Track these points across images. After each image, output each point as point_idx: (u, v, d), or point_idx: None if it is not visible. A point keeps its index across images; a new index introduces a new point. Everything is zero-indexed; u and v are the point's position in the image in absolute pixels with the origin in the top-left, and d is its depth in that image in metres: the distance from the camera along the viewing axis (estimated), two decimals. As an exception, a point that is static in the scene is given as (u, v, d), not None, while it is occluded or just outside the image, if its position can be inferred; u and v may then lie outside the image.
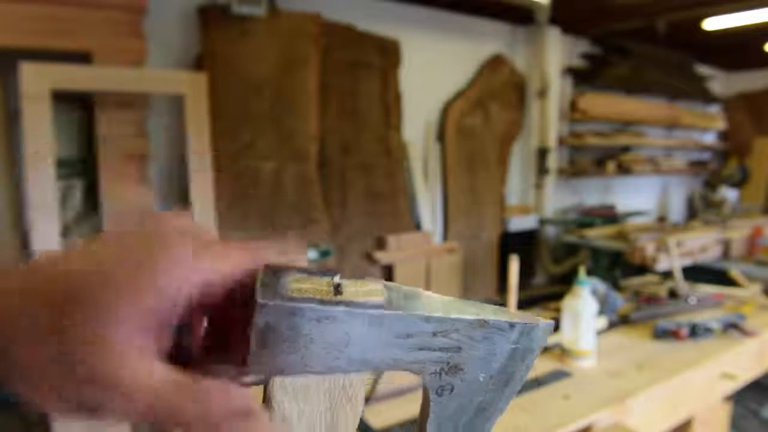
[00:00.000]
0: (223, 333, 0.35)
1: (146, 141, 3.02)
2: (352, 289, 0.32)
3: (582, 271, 1.71)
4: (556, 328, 1.70)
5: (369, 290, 0.32)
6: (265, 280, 0.31)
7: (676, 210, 7.06)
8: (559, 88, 5.30)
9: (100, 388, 0.28)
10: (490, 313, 0.34)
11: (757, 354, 1.91)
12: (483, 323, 0.34)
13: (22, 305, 0.29)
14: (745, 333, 1.86)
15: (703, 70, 6.80)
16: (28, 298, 0.29)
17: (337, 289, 0.32)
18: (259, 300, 0.29)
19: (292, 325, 0.30)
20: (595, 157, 5.75)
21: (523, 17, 4.81)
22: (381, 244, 4.05)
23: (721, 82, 7.27)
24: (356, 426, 0.35)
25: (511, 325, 0.34)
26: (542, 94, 5.15)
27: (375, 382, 1.38)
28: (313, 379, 0.32)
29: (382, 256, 3.98)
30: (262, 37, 3.51)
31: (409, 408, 1.37)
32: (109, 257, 0.30)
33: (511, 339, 0.34)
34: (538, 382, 1.52)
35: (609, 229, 4.54)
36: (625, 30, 5.22)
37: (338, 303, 0.30)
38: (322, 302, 0.30)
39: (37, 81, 2.57)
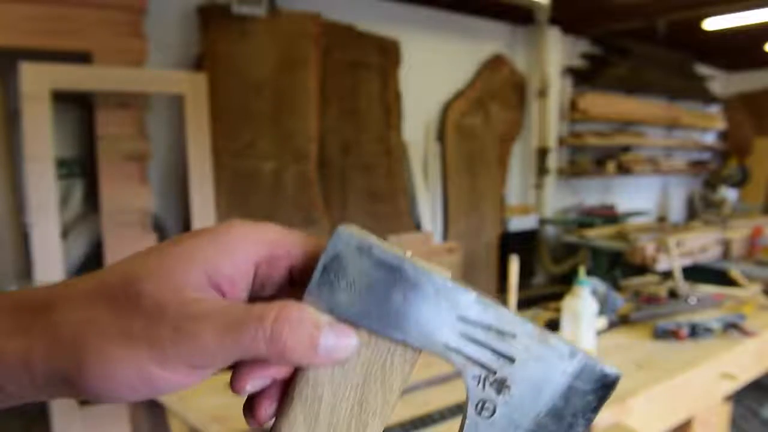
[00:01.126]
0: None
1: (146, 141, 3.02)
2: (422, 263, 0.31)
3: (582, 271, 1.72)
4: (557, 328, 1.70)
5: (437, 269, 0.32)
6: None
7: (676, 210, 7.06)
8: (559, 88, 5.30)
9: (178, 329, 0.28)
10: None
11: (757, 354, 1.90)
12: (544, 337, 0.31)
13: (94, 297, 0.30)
14: (745, 333, 1.86)
15: (703, 70, 6.80)
16: (99, 288, 0.30)
17: (409, 256, 0.32)
18: (339, 227, 0.30)
19: (359, 263, 0.30)
20: (595, 157, 5.75)
21: (523, 17, 4.81)
22: (381, 244, 4.05)
23: (721, 82, 7.27)
24: (384, 419, 0.32)
25: (572, 354, 0.31)
26: (542, 94, 5.15)
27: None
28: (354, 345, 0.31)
29: (382, 256, 3.97)
30: (262, 37, 3.51)
31: (408, 409, 1.37)
32: (172, 241, 0.32)
33: (569, 371, 0.31)
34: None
35: (609, 229, 4.54)
36: (625, 30, 5.22)
37: (407, 259, 0.30)
38: (392, 252, 0.30)
39: (37, 81, 2.57)
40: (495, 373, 0.31)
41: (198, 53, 3.40)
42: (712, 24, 4.99)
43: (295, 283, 0.33)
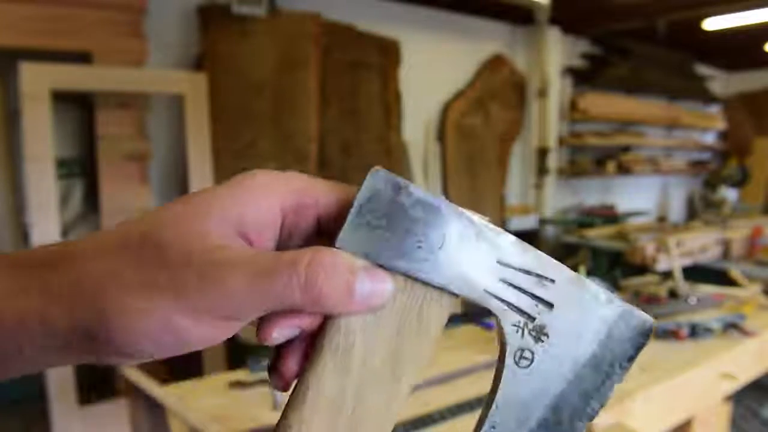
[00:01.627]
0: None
1: (146, 141, 3.02)
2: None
3: (582, 271, 1.72)
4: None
5: (476, 214, 0.30)
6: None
7: (676, 210, 7.06)
8: (559, 88, 5.30)
9: (205, 277, 0.26)
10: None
11: (757, 354, 1.90)
12: (582, 283, 0.30)
13: (119, 246, 0.28)
14: (745, 333, 1.86)
15: (703, 70, 6.80)
16: (124, 238, 0.29)
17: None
18: (374, 168, 0.29)
19: (396, 201, 0.29)
20: (595, 157, 5.75)
21: (523, 17, 4.81)
22: (381, 244, 4.05)
23: (721, 82, 7.27)
24: (418, 373, 0.30)
25: (610, 300, 0.30)
26: (542, 94, 5.15)
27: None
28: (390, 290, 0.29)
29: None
30: (262, 37, 3.51)
31: (408, 409, 1.36)
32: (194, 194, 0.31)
33: (608, 318, 0.30)
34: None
35: (609, 229, 4.54)
36: (625, 30, 5.22)
37: (446, 200, 0.29)
38: (428, 193, 0.29)
39: (37, 81, 2.57)
40: (534, 319, 0.30)
41: (198, 53, 3.40)
42: (712, 24, 4.99)
43: (323, 234, 0.31)
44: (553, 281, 0.30)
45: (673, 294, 2.26)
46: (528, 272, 0.30)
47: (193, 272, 0.27)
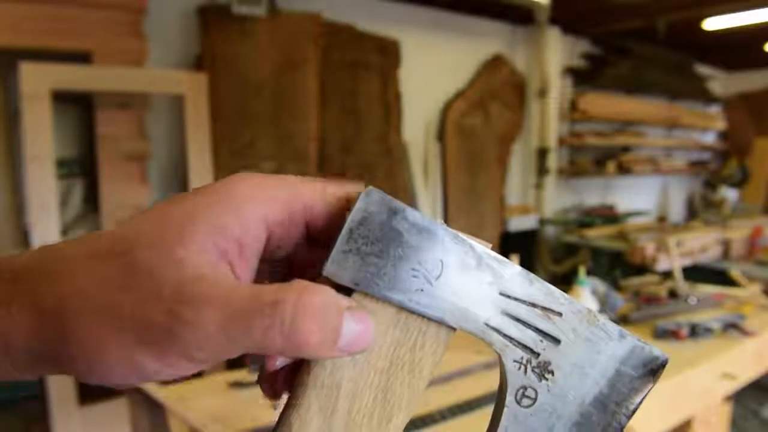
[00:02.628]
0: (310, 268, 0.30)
1: (146, 141, 3.02)
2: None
3: (582, 271, 1.72)
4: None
5: (476, 240, 0.28)
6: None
7: (676, 210, 7.06)
8: (559, 88, 5.29)
9: (177, 305, 0.24)
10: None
11: (757, 354, 1.90)
12: (593, 317, 0.28)
13: (91, 261, 0.26)
14: (745, 333, 1.86)
15: (703, 70, 6.80)
16: (96, 252, 0.26)
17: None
18: (367, 188, 0.26)
19: (390, 226, 0.26)
20: (595, 157, 5.75)
21: (523, 17, 4.81)
22: (381, 244, 4.05)
23: (721, 82, 7.27)
24: (410, 411, 0.28)
25: (622, 335, 0.28)
26: (542, 94, 5.15)
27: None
28: (382, 321, 0.27)
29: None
30: (262, 37, 3.51)
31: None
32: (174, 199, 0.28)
33: (617, 355, 0.28)
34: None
35: (609, 229, 4.54)
36: (625, 30, 5.22)
37: (444, 225, 0.27)
38: (427, 217, 0.27)
39: (37, 81, 2.57)
40: (538, 356, 0.28)
41: (198, 53, 3.40)
42: (712, 24, 4.99)
43: (313, 239, 0.29)
44: (560, 314, 0.28)
45: (673, 294, 2.26)
46: (533, 305, 0.28)
47: (161, 307, 0.24)
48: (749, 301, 2.26)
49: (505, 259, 0.28)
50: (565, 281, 4.05)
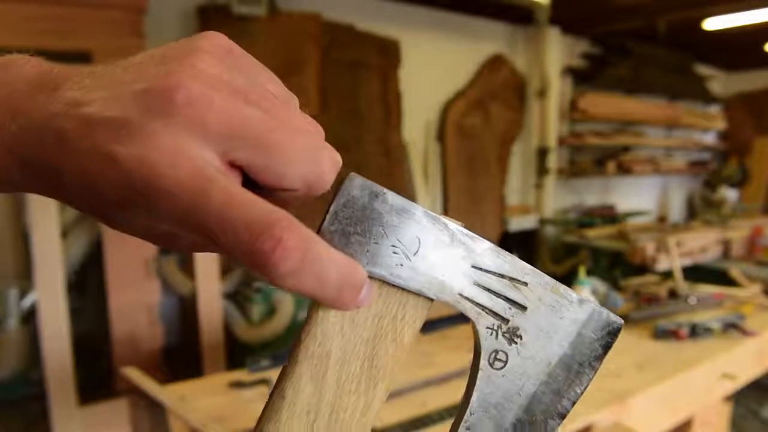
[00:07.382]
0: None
1: (146, 141, 3.01)
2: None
3: (582, 271, 1.72)
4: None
5: (451, 220, 0.31)
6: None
7: (676, 210, 7.06)
8: (559, 88, 5.30)
9: (146, 189, 0.24)
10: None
11: (757, 354, 1.91)
12: (555, 286, 0.31)
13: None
14: (745, 333, 1.86)
15: (703, 70, 6.80)
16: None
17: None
18: (350, 174, 0.30)
19: (372, 207, 0.29)
20: (595, 157, 5.76)
21: (523, 17, 4.81)
22: (381, 244, 4.05)
23: (721, 82, 7.27)
24: (393, 377, 0.31)
25: (581, 301, 0.31)
26: (542, 94, 5.15)
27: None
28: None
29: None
30: (262, 37, 3.51)
31: (408, 409, 1.36)
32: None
33: (579, 319, 0.31)
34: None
35: (609, 229, 4.54)
36: (625, 30, 5.22)
37: (421, 207, 0.30)
38: (406, 199, 0.30)
39: (37, 81, 2.56)
40: (507, 321, 0.31)
41: (198, 53, 3.40)
42: (712, 24, 4.99)
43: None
44: (525, 284, 0.31)
45: (673, 294, 2.26)
46: (502, 276, 0.31)
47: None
48: (749, 301, 2.27)
49: (476, 235, 0.30)
50: (565, 281, 4.04)
